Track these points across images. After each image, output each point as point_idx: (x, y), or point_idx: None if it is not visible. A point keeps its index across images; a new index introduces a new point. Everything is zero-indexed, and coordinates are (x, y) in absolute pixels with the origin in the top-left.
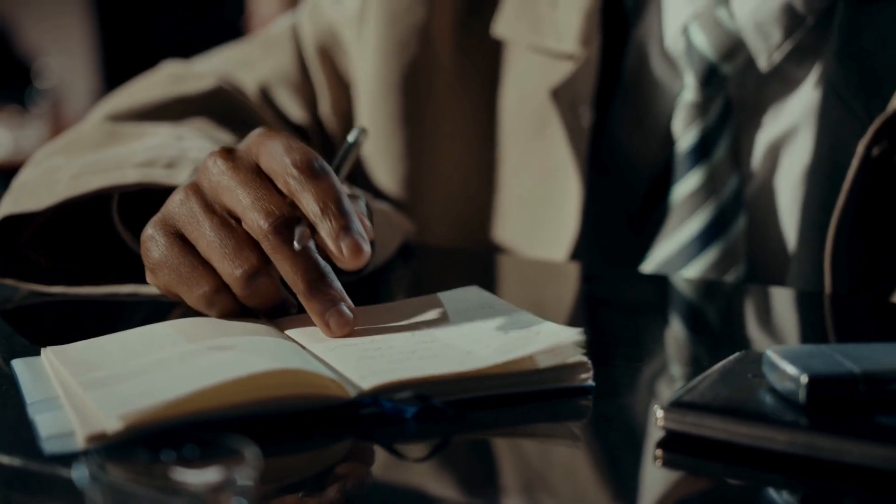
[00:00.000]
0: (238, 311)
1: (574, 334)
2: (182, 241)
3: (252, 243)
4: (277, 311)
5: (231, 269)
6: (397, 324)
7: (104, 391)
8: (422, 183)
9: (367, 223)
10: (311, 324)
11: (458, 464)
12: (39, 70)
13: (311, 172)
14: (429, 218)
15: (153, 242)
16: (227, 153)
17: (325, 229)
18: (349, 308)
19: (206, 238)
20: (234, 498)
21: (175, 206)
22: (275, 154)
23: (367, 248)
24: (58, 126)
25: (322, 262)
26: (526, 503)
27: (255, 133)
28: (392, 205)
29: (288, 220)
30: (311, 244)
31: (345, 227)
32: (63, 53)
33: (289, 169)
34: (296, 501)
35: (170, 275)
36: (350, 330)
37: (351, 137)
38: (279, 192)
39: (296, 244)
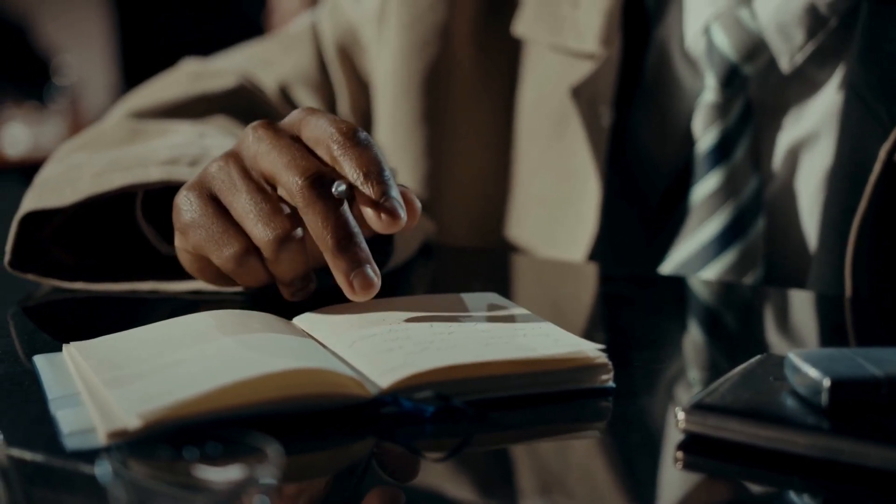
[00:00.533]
0: (264, 279)
1: (594, 348)
2: (216, 204)
3: (287, 208)
4: (300, 283)
5: (264, 232)
6: (416, 314)
7: (126, 387)
8: (441, 182)
9: (410, 194)
10: (330, 320)
11: (478, 464)
12: (58, 66)
13: (355, 140)
14: (447, 217)
15: (187, 203)
16: (269, 123)
17: (366, 193)
18: (374, 272)
19: (241, 201)
20: (256, 496)
21: (213, 170)
22: (319, 124)
23: (404, 215)
24: (76, 122)
25: (353, 222)
26: None
27: (299, 110)
28: None
29: (323, 176)
30: (346, 206)
31: (385, 193)
32: (82, 50)
33: (334, 136)
34: (316, 500)
35: (201, 234)
36: (373, 293)
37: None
38: (317, 158)
39: (334, 190)
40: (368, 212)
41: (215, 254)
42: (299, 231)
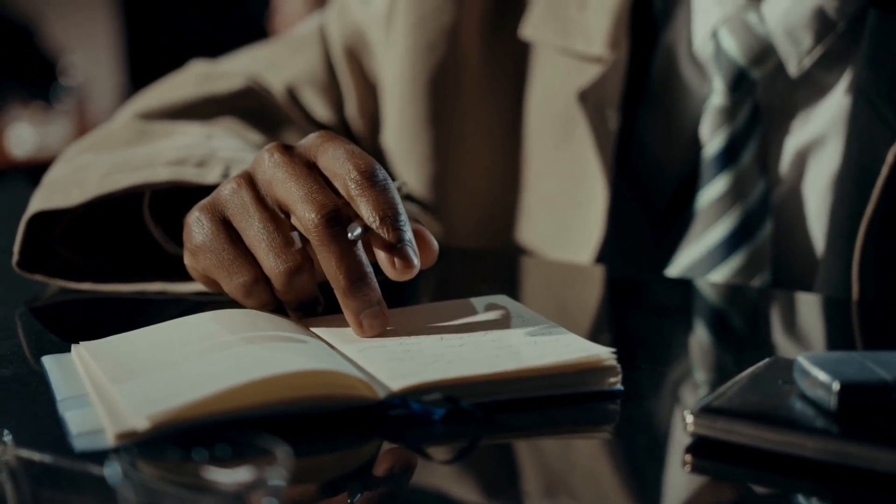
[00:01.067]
0: (273, 305)
1: (605, 352)
2: (228, 229)
3: (299, 238)
4: (307, 308)
5: (275, 264)
6: (427, 326)
7: (135, 388)
8: (448, 184)
9: (427, 234)
10: (340, 324)
11: (486, 466)
12: (65, 67)
13: (373, 180)
14: (454, 219)
15: (199, 225)
16: (285, 148)
17: (382, 238)
18: (384, 312)
19: (254, 229)
20: (265, 498)
21: (226, 193)
22: (337, 157)
23: (417, 262)
24: (83, 123)
25: (366, 262)
26: None
27: (316, 134)
28: (419, 206)
29: (339, 214)
30: (359, 245)
31: (400, 239)
32: (88, 50)
33: (351, 173)
34: (324, 502)
35: (211, 260)
36: (381, 332)
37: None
38: (333, 190)
39: (350, 234)
40: (382, 257)
41: (225, 281)
42: (311, 262)
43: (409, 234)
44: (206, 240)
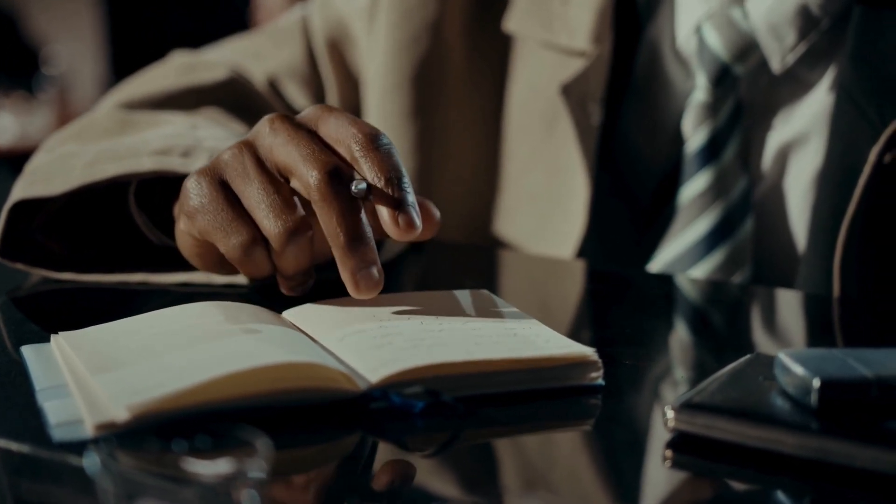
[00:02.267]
0: (267, 270)
1: (584, 350)
2: (227, 191)
3: (298, 202)
4: (300, 279)
5: (274, 224)
6: (408, 311)
7: (114, 379)
8: (431, 178)
9: (429, 205)
10: (320, 315)
11: (467, 460)
12: (47, 56)
13: (377, 143)
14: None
15: (197, 187)
16: (285, 117)
17: (386, 198)
18: (379, 272)
19: (253, 191)
20: (245, 490)
21: (226, 157)
22: (340, 124)
23: (419, 225)
24: (65, 113)
25: (365, 222)
26: (534, 501)
27: (317, 106)
28: None
29: (341, 172)
30: (360, 205)
31: (404, 201)
32: (71, 40)
33: (356, 136)
34: (304, 494)
35: (208, 220)
36: (376, 293)
37: None
38: (335, 153)
39: (354, 188)
40: (385, 217)
41: (222, 241)
42: (310, 226)
43: (412, 197)
44: (205, 201)
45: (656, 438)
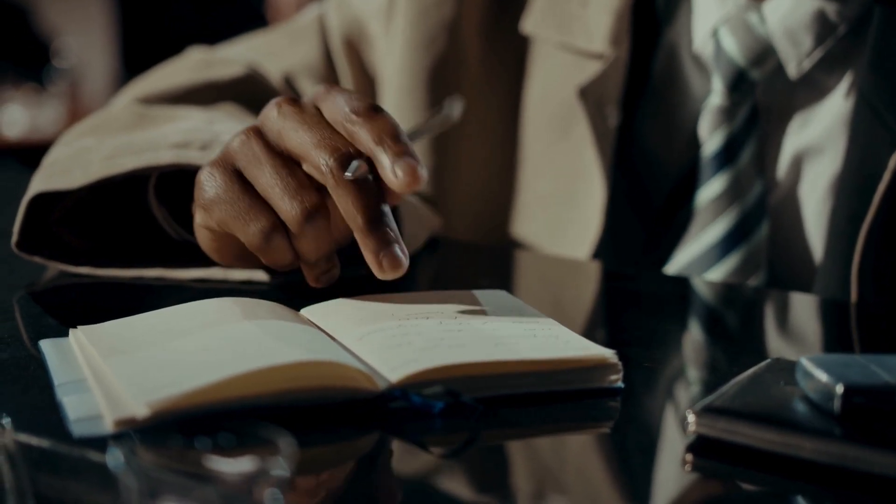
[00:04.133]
0: (289, 258)
1: (604, 352)
2: (240, 179)
3: (312, 185)
4: (324, 266)
5: (290, 206)
6: (426, 310)
7: (134, 374)
8: (445, 178)
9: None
10: (339, 312)
11: (485, 461)
12: (58, 49)
13: (368, 113)
14: (451, 213)
15: (210, 179)
16: (291, 100)
17: (381, 158)
18: (403, 252)
19: (266, 175)
20: (267, 489)
21: (236, 145)
22: (337, 102)
23: (423, 172)
24: (75, 106)
25: (382, 201)
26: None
27: (320, 87)
28: (417, 198)
29: (353, 157)
30: (376, 186)
31: (400, 153)
32: (82, 33)
33: (348, 115)
34: (326, 494)
35: (226, 210)
36: (401, 272)
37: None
38: (342, 136)
39: (348, 174)
40: (387, 173)
41: (241, 230)
42: (326, 206)
43: (411, 148)
44: (220, 191)
45: (675, 442)
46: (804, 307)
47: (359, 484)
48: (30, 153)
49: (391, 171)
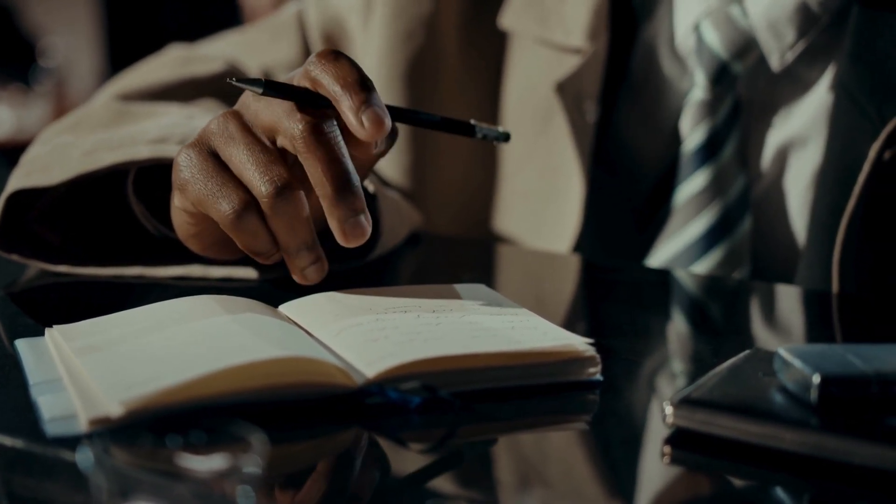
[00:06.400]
0: (265, 239)
1: (582, 342)
2: (215, 159)
3: (286, 161)
4: (307, 256)
5: (261, 181)
6: (404, 304)
7: (109, 373)
8: (425, 173)
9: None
10: (316, 308)
11: (464, 456)
12: (44, 48)
13: (330, 57)
14: (432, 208)
15: (186, 159)
16: (267, 80)
17: (346, 104)
18: (367, 221)
19: (240, 153)
20: (239, 486)
21: (213, 126)
22: (307, 63)
23: (388, 120)
24: (62, 105)
25: (353, 170)
26: (531, 497)
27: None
28: (398, 193)
29: (324, 122)
30: (343, 149)
31: (365, 101)
32: (68, 32)
33: (310, 64)
34: (300, 490)
35: (199, 189)
36: (363, 240)
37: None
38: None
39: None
40: (351, 121)
41: (214, 208)
42: (299, 183)
43: (375, 96)
44: (195, 171)
45: (655, 434)
46: (786, 298)
47: (335, 481)
48: (17, 153)
49: (356, 119)
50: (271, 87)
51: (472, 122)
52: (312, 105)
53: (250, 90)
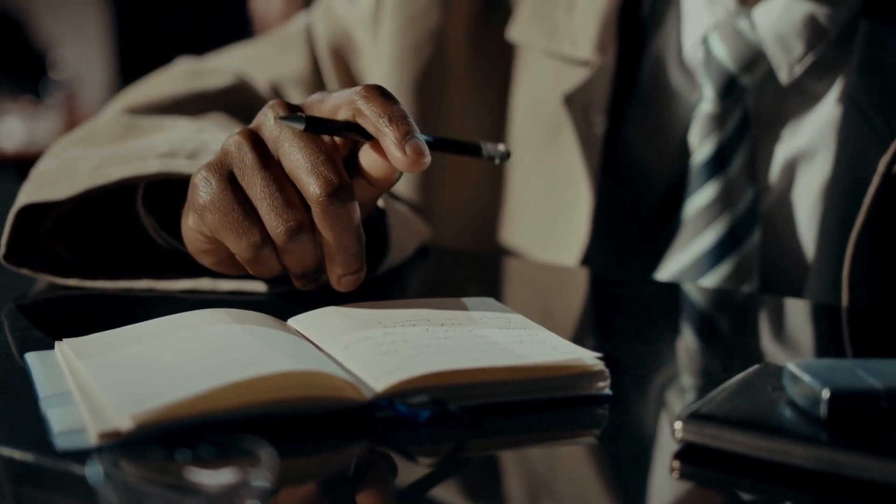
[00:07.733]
0: (276, 270)
1: (591, 356)
2: (234, 186)
3: (301, 202)
4: (311, 276)
5: (275, 224)
6: (412, 318)
7: (118, 386)
8: (433, 186)
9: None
10: (325, 322)
11: (472, 470)
12: (54, 61)
13: (377, 92)
14: (440, 221)
15: (206, 184)
16: (288, 105)
17: (390, 136)
18: (363, 275)
19: (258, 188)
20: (249, 500)
21: (232, 148)
22: (343, 93)
23: (428, 156)
24: (72, 117)
25: (360, 236)
26: None
27: (319, 93)
28: (407, 207)
29: (342, 190)
30: (356, 216)
31: (408, 133)
32: (78, 45)
33: (358, 91)
34: None
35: (219, 219)
36: (354, 287)
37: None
38: (336, 164)
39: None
40: (393, 152)
41: (233, 242)
42: (311, 225)
43: (417, 130)
44: (214, 198)
45: (664, 449)
46: (795, 312)
47: (344, 495)
48: (27, 165)
49: (399, 149)
50: (312, 124)
51: (480, 143)
52: (351, 135)
53: (292, 126)
